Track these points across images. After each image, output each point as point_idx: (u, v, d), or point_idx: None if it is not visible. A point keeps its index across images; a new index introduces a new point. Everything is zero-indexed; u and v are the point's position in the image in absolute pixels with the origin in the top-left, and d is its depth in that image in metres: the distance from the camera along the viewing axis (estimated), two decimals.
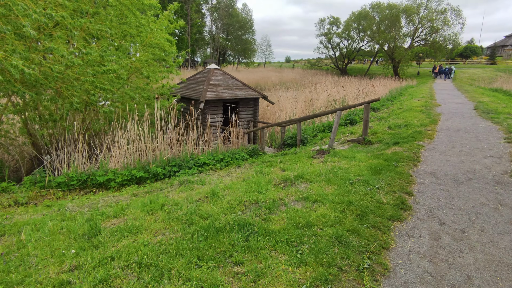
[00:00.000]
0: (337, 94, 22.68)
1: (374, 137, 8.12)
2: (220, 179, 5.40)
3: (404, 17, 47.31)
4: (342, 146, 7.93)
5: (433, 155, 5.99)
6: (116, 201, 4.68)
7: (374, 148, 6.99)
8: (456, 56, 68.16)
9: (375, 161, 5.40)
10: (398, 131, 8.39)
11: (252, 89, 11.92)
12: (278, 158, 7.07)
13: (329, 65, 67.32)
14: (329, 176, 4.73)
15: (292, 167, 5.61)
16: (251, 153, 8.74)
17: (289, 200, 3.85)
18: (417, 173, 4.84)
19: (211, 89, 10.73)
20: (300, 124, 9.75)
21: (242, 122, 12.03)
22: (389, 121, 10.34)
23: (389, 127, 8.96)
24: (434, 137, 7.57)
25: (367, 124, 7.90)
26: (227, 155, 8.03)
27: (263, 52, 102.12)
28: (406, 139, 7.21)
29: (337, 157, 6.14)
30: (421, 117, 10.44)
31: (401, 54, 44.13)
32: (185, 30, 60.96)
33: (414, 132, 7.97)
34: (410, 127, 8.74)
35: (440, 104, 14.43)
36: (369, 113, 14.04)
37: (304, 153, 7.23)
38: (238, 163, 7.18)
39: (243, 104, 11.84)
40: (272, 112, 16.04)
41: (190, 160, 7.26)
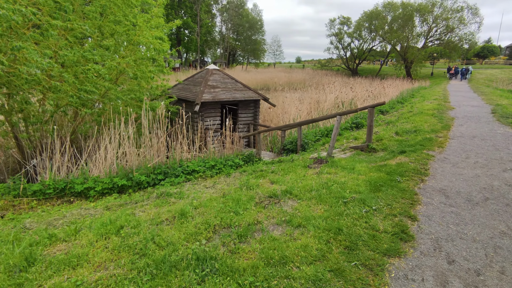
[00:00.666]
0: (345, 95, 21.90)
1: (379, 144, 7.45)
2: (201, 192, 4.87)
3: (417, 16, 45.86)
4: (344, 153, 7.30)
5: (444, 167, 5.31)
6: (83, 216, 4.22)
7: (377, 157, 6.33)
8: (472, 56, 65.90)
9: (375, 175, 4.77)
10: (405, 138, 7.69)
11: (253, 91, 11.37)
12: (271, 167, 6.50)
13: (339, 66, 66.14)
14: (321, 192, 4.14)
15: (283, 179, 5.03)
16: (247, 159, 8.20)
17: (268, 223, 3.29)
18: (423, 191, 4.19)
19: (208, 90, 10.24)
20: (300, 128, 9.16)
21: (242, 125, 11.50)
22: (397, 126, 9.61)
23: (397, 132, 8.26)
24: (446, 145, 6.85)
25: (371, 130, 7.24)
26: (220, 161, 7.51)
27: (273, 52, 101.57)
28: (414, 148, 6.52)
29: (334, 167, 5.53)
30: (432, 122, 9.67)
31: (414, 54, 42.77)
32: (194, 31, 60.95)
33: (424, 139, 7.26)
34: (420, 133, 8.02)
35: (454, 107, 13.54)
36: (377, 117, 13.37)
37: (301, 161, 6.64)
38: (228, 171, 6.65)
39: (242, 107, 11.31)
40: (276, 114, 15.46)
41: (178, 167, 6.77)
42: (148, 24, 7.41)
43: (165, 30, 9.26)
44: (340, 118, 6.32)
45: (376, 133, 8.57)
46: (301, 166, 5.96)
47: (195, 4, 58.27)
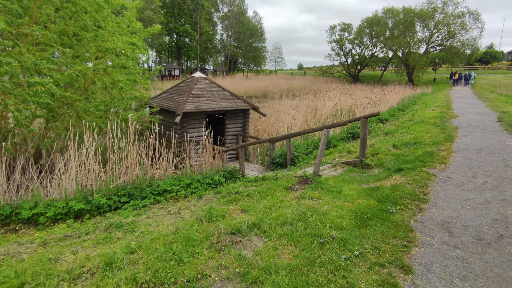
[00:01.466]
0: (344, 103, 21.17)
1: (374, 159, 6.67)
2: (158, 222, 4.12)
3: (419, 21, 45.31)
4: (334, 169, 6.52)
5: (447, 190, 4.52)
6: (6, 256, 3.49)
7: (370, 176, 5.55)
8: (475, 62, 65.11)
9: (364, 202, 3.99)
10: (404, 152, 6.90)
11: (241, 99, 10.68)
12: (250, 187, 5.75)
13: (341, 72, 65.63)
14: (295, 227, 3.37)
15: (256, 206, 4.27)
16: (229, 176, 7.45)
17: (216, 278, 2.52)
18: (421, 225, 3.41)
19: (191, 100, 9.56)
20: (289, 141, 8.41)
21: (230, 137, 10.78)
22: (395, 137, 8.83)
23: (394, 145, 7.48)
24: (449, 160, 6.05)
25: (365, 143, 6.47)
26: (197, 179, 6.77)
27: (274, 59, 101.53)
28: (413, 164, 5.74)
29: (319, 190, 4.76)
30: (434, 132, 8.87)
31: (416, 60, 42.10)
32: (194, 38, 60.90)
33: (424, 154, 6.47)
34: (420, 146, 7.23)
35: (458, 115, 12.74)
36: (375, 125, 12.59)
37: (284, 180, 5.88)
38: (200, 193, 5.89)
39: (230, 116, 10.61)
40: (270, 124, 14.74)
41: (147, 187, 6.03)
42: (119, 29, 6.78)
43: (143, 35, 8.64)
44: (327, 132, 5.58)
45: (372, 146, 7.80)
46: (283, 188, 5.19)
47: (194, 12, 58.32)
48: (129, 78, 7.06)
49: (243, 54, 76.22)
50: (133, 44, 7.13)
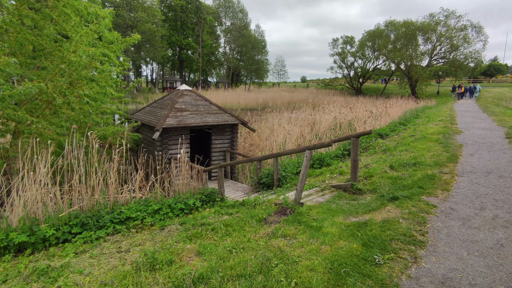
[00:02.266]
0: (344, 116, 20.47)
1: (368, 182, 5.89)
2: (92, 267, 3.37)
3: (421, 34, 45.01)
4: (322, 195, 5.74)
5: (450, 227, 3.72)
6: None
7: (360, 205, 4.77)
8: (479, 75, 64.48)
9: (346, 245, 3.21)
10: (402, 174, 6.12)
11: (229, 114, 10.03)
12: (221, 217, 5.00)
13: (343, 85, 65.36)
14: (252, 283, 2.61)
15: (216, 247, 3.51)
16: (207, 199, 6.69)
17: None
18: (416, 284, 2.62)
19: (173, 114, 8.92)
20: (276, 160, 7.68)
21: (217, 153, 10.08)
22: (394, 156, 8.05)
23: (391, 166, 6.69)
24: (453, 186, 5.26)
25: (357, 165, 5.71)
26: (168, 203, 6.02)
27: (277, 72, 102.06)
28: (410, 191, 4.95)
29: (296, 224, 4.00)
30: (436, 150, 8.09)
31: (419, 73, 41.54)
32: (196, 51, 61.25)
33: (424, 177, 5.68)
34: (420, 167, 6.45)
35: (463, 130, 11.94)
36: (374, 141, 11.77)
37: (263, 209, 5.14)
38: (163, 224, 5.12)
39: (217, 132, 9.94)
40: (264, 138, 14.03)
41: (106, 215, 5.30)
42: (88, 39, 6.20)
43: (120, 46, 8.10)
44: (310, 154, 4.85)
45: (366, 166, 7.02)
46: (256, 220, 4.43)
47: (197, 26, 58.84)
48: (99, 91, 6.45)
49: (246, 67, 76.60)
50: (105, 55, 6.56)
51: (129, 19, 41.13)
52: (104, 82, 6.38)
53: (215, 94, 45.94)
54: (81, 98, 6.12)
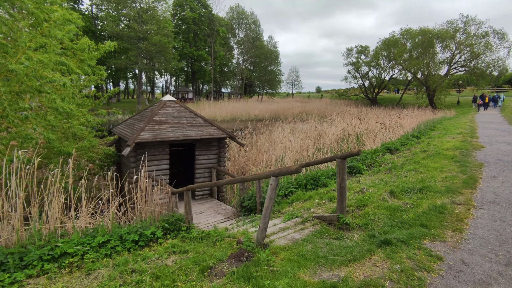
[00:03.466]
0: (353, 128, 19.15)
1: (359, 214, 4.74)
2: None
3: (438, 42, 43.10)
4: (301, 229, 4.63)
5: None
6: None
7: (342, 249, 3.64)
8: (503, 83, 61.20)
9: None
10: (403, 204, 4.92)
11: (215, 127, 9.11)
12: (173, 253, 4.01)
13: (358, 95, 63.67)
14: None
15: None
16: (170, 228, 5.71)
17: None
18: None
19: (151, 127, 8.09)
20: (259, 182, 6.65)
21: (202, 170, 9.13)
22: (398, 176, 6.82)
23: (392, 192, 5.50)
24: (468, 224, 4.03)
25: (344, 194, 4.58)
26: (118, 234, 5.08)
27: (291, 82, 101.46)
28: (410, 231, 3.78)
29: (243, 282, 2.94)
30: (450, 171, 6.80)
31: (437, 82, 39.54)
32: (208, 62, 61.57)
33: (431, 210, 4.48)
34: (428, 195, 5.23)
35: (484, 145, 10.47)
36: (381, 157, 10.40)
37: (222, 247, 4.11)
38: (98, 266, 4.15)
39: (201, 147, 9.02)
40: (259, 153, 12.99)
41: (35, 251, 4.40)
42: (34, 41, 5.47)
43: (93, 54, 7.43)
44: (276, 181, 3.80)
45: (362, 191, 5.84)
46: (200, 269, 3.39)
47: (209, 37, 59.29)
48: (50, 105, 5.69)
49: (259, 78, 76.46)
50: (62, 63, 5.84)
51: (140, 32, 41.69)
52: (55, 94, 5.62)
53: (225, 105, 45.56)
54: (25, 111, 5.36)
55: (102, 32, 47.94)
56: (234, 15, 72.17)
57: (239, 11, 71.58)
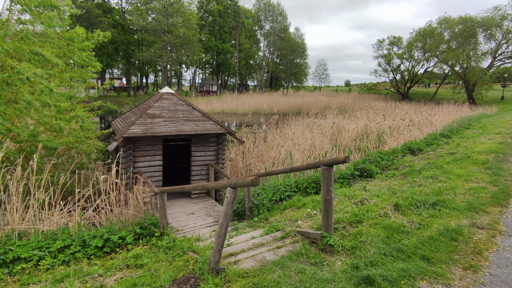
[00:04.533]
0: (376, 125, 17.69)
1: (350, 233, 3.89)
2: None
3: (481, 31, 39.19)
4: (277, 247, 3.88)
5: None
6: None
7: (316, 280, 2.86)
8: None
9: None
10: (407, 223, 3.99)
11: (214, 121, 8.49)
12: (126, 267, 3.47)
13: (388, 89, 60.32)
14: None
15: None
16: (144, 233, 5.20)
17: None
18: None
19: (142, 121, 7.64)
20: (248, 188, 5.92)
21: (199, 168, 8.58)
22: (412, 184, 5.79)
23: (397, 206, 4.55)
24: (488, 259, 3.06)
25: (330, 209, 3.76)
26: (81, 239, 4.64)
27: (319, 76, 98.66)
28: (405, 266, 2.90)
29: None
30: (478, 180, 5.66)
31: (477, 75, 36.03)
32: (233, 55, 61.10)
33: (440, 234, 3.53)
34: (441, 212, 4.23)
35: None
36: (401, 158, 9.18)
37: (178, 265, 3.49)
38: (28, 282, 3.70)
39: (197, 142, 8.45)
40: (271, 148, 12.21)
41: None
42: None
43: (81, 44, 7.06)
44: (233, 192, 3.06)
45: (362, 202, 4.93)
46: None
47: (234, 30, 58.70)
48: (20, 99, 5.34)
49: (285, 70, 74.97)
50: (36, 53, 5.45)
51: (165, 25, 42.01)
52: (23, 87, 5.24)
53: (248, 98, 45.00)
54: None
55: (130, 26, 48.99)
56: (261, 7, 70.86)
57: (265, 2, 70.14)
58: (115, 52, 49.03)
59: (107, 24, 44.56)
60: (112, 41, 46.34)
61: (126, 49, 49.28)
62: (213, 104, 43.61)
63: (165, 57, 43.67)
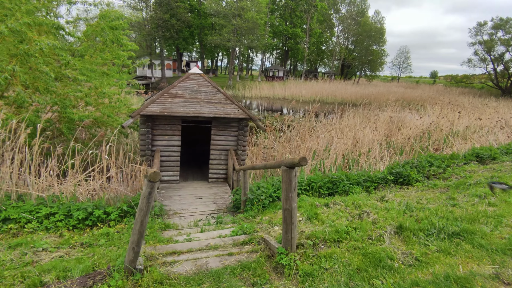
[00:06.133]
0: (447, 123, 14.88)
1: (318, 254, 3.08)
2: None
3: None
4: (229, 253, 3.31)
5: None
6: None
7: None
8: None
9: None
10: (399, 255, 2.96)
11: (236, 105, 8.03)
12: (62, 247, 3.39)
13: (484, 83, 51.12)
14: None
15: None
16: (130, 211, 5.16)
17: None
18: None
19: (163, 100, 7.62)
20: (245, 174, 5.42)
21: (217, 151, 8.31)
22: (444, 202, 4.46)
23: (400, 227, 3.45)
24: None
25: (290, 221, 3.00)
26: (68, 208, 4.79)
27: (398, 65, 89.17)
28: None
29: None
30: None
31: None
32: (302, 40, 58.91)
33: (434, 283, 2.49)
34: (459, 248, 3.05)
35: None
36: (460, 166, 7.32)
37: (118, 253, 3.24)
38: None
39: (218, 126, 8.13)
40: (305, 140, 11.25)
41: None
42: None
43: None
44: (150, 186, 2.53)
45: (360, 216, 3.94)
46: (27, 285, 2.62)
47: (306, 13, 56.26)
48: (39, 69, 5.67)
49: (358, 58, 69.48)
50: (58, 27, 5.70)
51: (235, 8, 42.45)
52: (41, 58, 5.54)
53: (312, 86, 43.31)
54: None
55: (205, 11, 50.99)
56: None
57: None
58: (191, 36, 51.87)
59: (184, 9, 47.18)
60: (188, 25, 49.09)
61: (200, 33, 51.68)
62: (276, 89, 43.10)
63: (233, 41, 44.40)
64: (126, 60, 8.67)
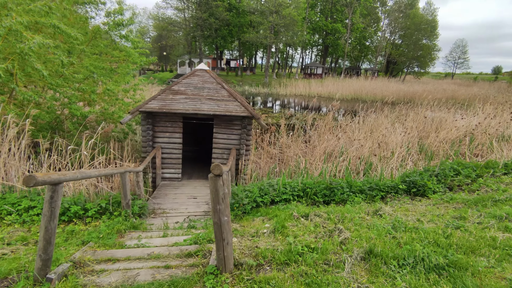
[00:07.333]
0: (496, 125, 12.89)
1: (254, 277, 2.60)
2: None
3: None
4: (165, 266, 2.97)
5: None
6: None
7: None
8: None
9: None
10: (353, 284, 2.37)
11: (239, 103, 7.64)
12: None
13: None
14: None
15: None
16: (109, 209, 5.08)
17: None
18: None
19: (164, 96, 7.51)
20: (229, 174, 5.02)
21: (220, 150, 8.01)
22: (454, 221, 3.63)
23: (370, 253, 2.80)
24: None
25: (220, 235, 2.56)
26: None
27: (454, 60, 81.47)
28: None
29: None
30: None
31: None
32: (342, 36, 56.33)
33: None
34: (440, 282, 2.36)
35: None
36: (439, 182, 5.99)
37: None
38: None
39: (220, 124, 7.82)
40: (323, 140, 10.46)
41: None
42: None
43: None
44: (51, 190, 2.25)
45: (331, 234, 3.33)
46: None
47: (347, 7, 53.66)
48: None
49: (406, 53, 64.63)
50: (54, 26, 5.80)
51: (272, 5, 41.91)
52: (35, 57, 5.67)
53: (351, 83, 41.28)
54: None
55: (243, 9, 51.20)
56: None
57: None
58: (229, 35, 52.48)
59: (223, 8, 47.83)
60: (227, 24, 49.69)
61: (238, 31, 52.03)
62: (312, 87, 41.84)
63: (270, 38, 43.93)
64: (136, 57, 8.74)
